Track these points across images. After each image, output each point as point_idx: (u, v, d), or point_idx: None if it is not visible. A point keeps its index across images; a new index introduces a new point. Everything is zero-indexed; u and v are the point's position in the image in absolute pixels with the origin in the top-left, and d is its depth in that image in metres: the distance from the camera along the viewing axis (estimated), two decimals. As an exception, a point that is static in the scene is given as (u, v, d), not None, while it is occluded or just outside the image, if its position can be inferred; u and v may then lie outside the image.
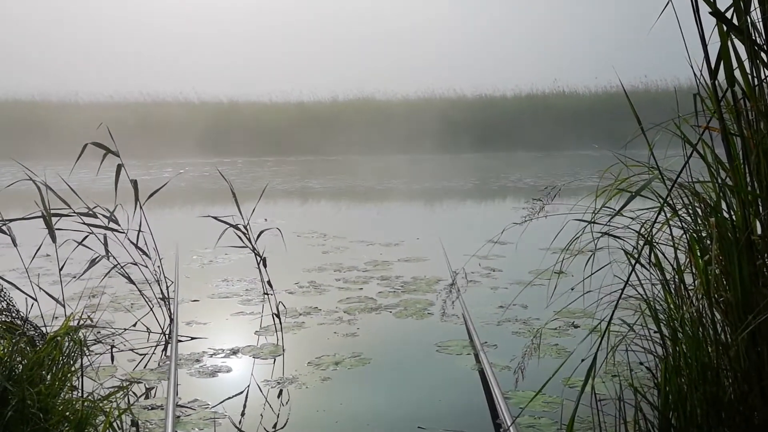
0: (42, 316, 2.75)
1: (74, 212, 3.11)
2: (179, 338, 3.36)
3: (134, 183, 3.43)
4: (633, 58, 30.92)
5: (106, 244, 3.34)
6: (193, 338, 3.42)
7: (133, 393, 2.75)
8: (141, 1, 41.52)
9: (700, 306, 1.60)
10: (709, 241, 1.56)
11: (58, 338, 1.91)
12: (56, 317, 2.71)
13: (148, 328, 3.51)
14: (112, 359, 3.15)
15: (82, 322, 2.28)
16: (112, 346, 3.23)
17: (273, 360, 3.12)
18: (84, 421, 1.69)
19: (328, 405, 2.61)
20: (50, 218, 2.59)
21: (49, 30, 35.66)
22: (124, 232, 3.46)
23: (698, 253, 1.58)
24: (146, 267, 3.62)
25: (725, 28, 1.40)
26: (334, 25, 39.36)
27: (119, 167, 3.39)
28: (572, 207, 2.08)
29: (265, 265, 3.57)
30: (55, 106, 23.35)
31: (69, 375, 2.00)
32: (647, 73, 23.21)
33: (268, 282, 3.57)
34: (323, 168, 17.55)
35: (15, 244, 2.49)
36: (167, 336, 3.45)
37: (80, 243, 3.20)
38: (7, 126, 21.09)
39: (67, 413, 1.73)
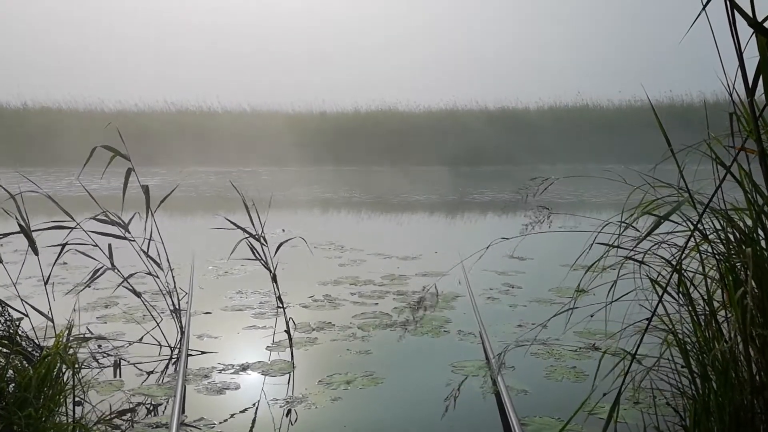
0: (34, 329, 2.70)
1: (77, 224, 3.06)
2: (189, 352, 3.29)
3: (145, 189, 3.36)
4: (658, 72, 30.55)
5: (111, 256, 3.29)
6: (203, 352, 3.35)
7: (138, 410, 2.68)
8: (167, 12, 42.02)
9: (734, 342, 1.48)
10: (743, 273, 1.44)
11: (48, 358, 1.84)
12: (65, 328, 2.67)
13: (158, 342, 3.45)
14: (119, 373, 3.09)
15: (83, 334, 2.21)
16: (120, 359, 3.17)
17: (283, 377, 3.04)
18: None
19: (336, 427, 2.52)
20: (30, 231, 2.54)
21: (76, 39, 36.27)
22: (132, 240, 3.40)
23: (731, 285, 1.47)
24: (159, 277, 3.57)
25: (766, 42, 1.29)
26: (356, 36, 39.51)
27: (129, 171, 3.33)
28: (599, 227, 1.97)
29: (275, 281, 3.50)
30: (81, 114, 23.66)
31: (59, 396, 1.93)
32: (672, 87, 22.89)
33: (279, 298, 3.50)
34: (345, 178, 17.52)
35: (0, 260, 2.44)
36: (177, 350, 3.39)
37: (67, 249, 3.16)
38: (34, 133, 21.42)
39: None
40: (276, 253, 3.65)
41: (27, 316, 2.57)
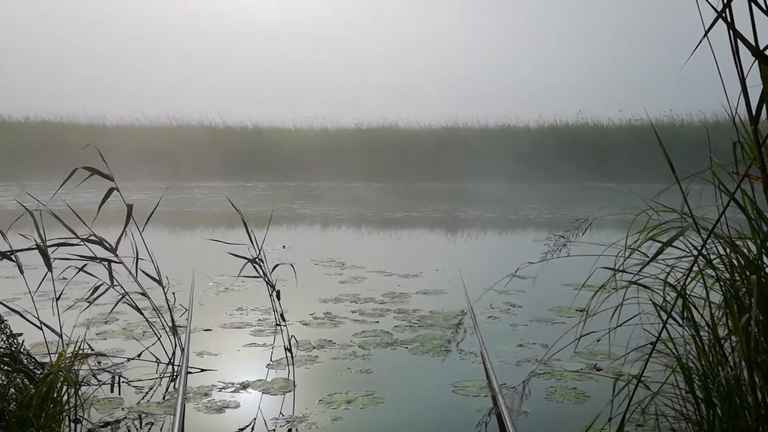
0: (47, 344, 2.69)
1: (80, 240, 3.07)
2: (189, 370, 3.28)
3: (129, 208, 3.38)
4: (658, 91, 30.70)
5: (110, 273, 3.29)
6: (203, 370, 3.34)
7: (137, 428, 2.66)
8: (169, 27, 42.32)
9: (738, 369, 1.48)
10: (748, 299, 1.44)
11: (51, 376, 1.84)
12: (67, 346, 2.66)
13: (157, 359, 3.44)
14: (119, 390, 3.07)
15: (83, 351, 2.21)
16: (120, 376, 3.16)
17: (283, 396, 3.03)
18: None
19: (337, 448, 2.50)
20: (46, 249, 2.54)
21: (77, 53, 36.49)
22: (118, 262, 3.39)
23: (736, 311, 1.47)
24: (159, 294, 3.57)
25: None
26: (358, 54, 39.74)
27: (110, 190, 3.34)
28: (603, 250, 1.98)
29: (279, 298, 3.49)
30: (82, 128, 23.75)
31: (60, 415, 1.92)
32: (672, 107, 22.99)
33: (281, 315, 3.49)
34: (345, 195, 17.54)
35: (21, 272, 2.45)
36: (176, 367, 3.37)
37: (81, 269, 3.17)
38: (35, 147, 21.49)
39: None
40: (273, 271, 3.65)
41: (44, 326, 2.57)
